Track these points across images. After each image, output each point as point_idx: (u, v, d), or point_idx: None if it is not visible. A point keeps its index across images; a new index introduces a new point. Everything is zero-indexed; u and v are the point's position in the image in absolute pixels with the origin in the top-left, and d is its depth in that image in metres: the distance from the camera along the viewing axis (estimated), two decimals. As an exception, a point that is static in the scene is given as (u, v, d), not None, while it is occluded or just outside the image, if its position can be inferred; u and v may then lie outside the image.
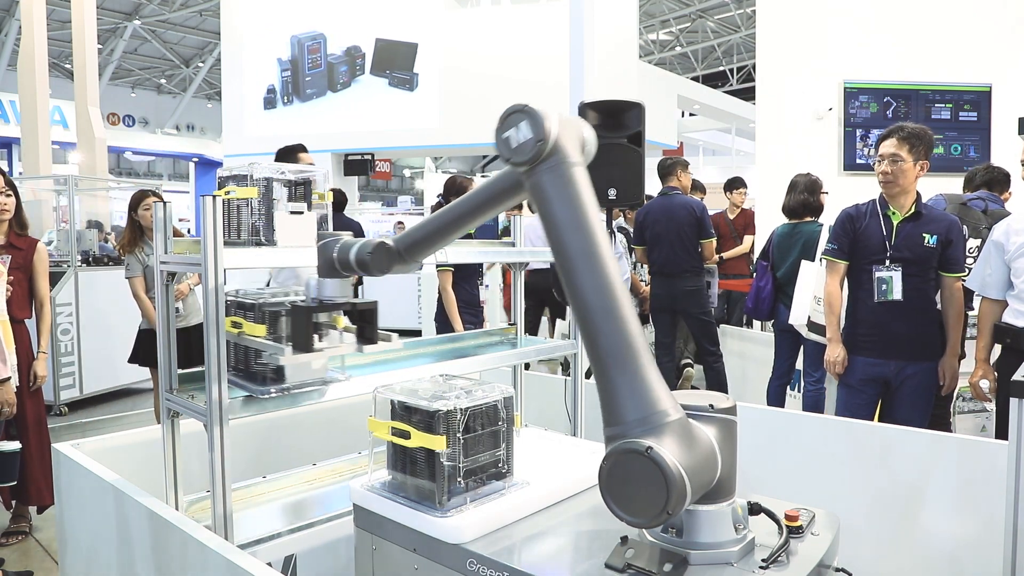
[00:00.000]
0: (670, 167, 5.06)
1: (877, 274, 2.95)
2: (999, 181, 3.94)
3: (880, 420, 3.02)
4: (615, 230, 4.74)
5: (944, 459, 2.19)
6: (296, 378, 1.83)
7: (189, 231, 15.97)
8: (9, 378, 2.79)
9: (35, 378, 3.27)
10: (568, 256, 1.24)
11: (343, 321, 1.77)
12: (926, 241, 2.92)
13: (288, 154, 4.01)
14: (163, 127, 24.86)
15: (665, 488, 1.10)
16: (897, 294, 2.92)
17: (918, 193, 3.00)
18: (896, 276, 2.92)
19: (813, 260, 3.84)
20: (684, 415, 1.20)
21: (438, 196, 4.45)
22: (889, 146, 2.93)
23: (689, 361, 5.80)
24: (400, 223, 15.48)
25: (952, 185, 4.19)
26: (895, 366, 2.96)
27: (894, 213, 2.98)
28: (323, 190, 2.02)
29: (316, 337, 1.67)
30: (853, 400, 3.03)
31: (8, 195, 3.28)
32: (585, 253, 1.23)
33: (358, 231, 6.60)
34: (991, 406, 3.11)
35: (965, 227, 3.26)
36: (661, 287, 4.91)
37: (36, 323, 3.41)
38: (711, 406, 1.27)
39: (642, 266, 5.40)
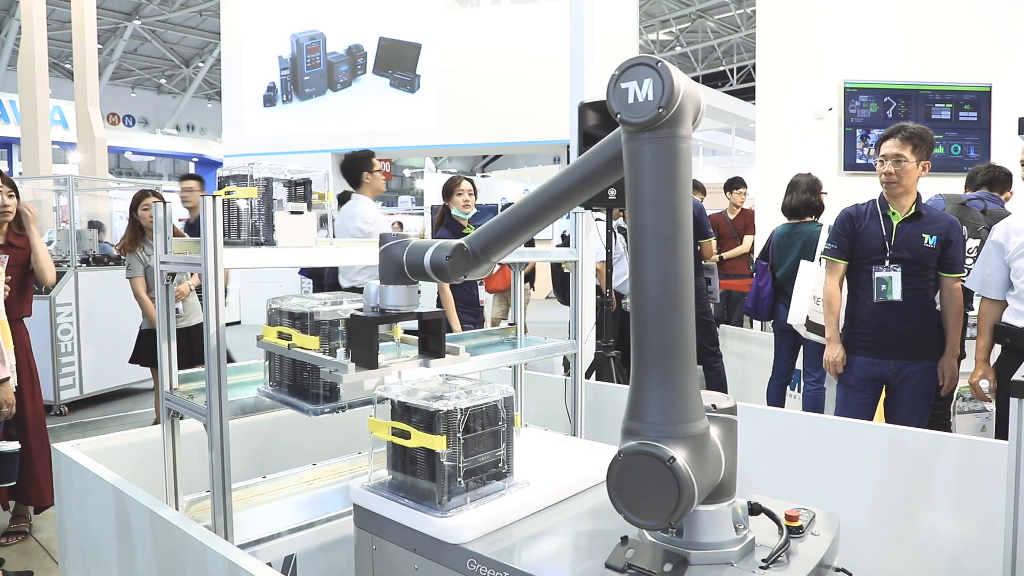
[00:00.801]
0: None
1: (876, 274, 2.95)
2: (1000, 181, 3.93)
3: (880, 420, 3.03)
4: (616, 230, 4.74)
5: (944, 459, 2.19)
6: (352, 395, 1.68)
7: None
8: (8, 378, 2.79)
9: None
10: (644, 237, 1.15)
11: (399, 331, 1.66)
12: (926, 242, 2.93)
13: (364, 160, 4.30)
14: (163, 127, 24.86)
15: (676, 499, 1.11)
16: (896, 294, 2.92)
17: (918, 193, 3.00)
18: (896, 276, 2.93)
19: (813, 260, 3.84)
20: (708, 426, 1.20)
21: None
22: (892, 146, 2.92)
23: (689, 361, 5.80)
24: (398, 223, 15.44)
25: (952, 185, 4.19)
26: (894, 366, 2.96)
27: (894, 213, 2.98)
28: (323, 190, 2.02)
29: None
30: (852, 400, 3.04)
31: (10, 196, 3.29)
32: (664, 238, 1.14)
33: None
34: (991, 406, 3.11)
35: (964, 227, 3.26)
36: None
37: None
38: (713, 406, 1.27)
39: None
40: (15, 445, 2.88)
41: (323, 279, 7.00)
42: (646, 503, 1.15)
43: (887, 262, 2.95)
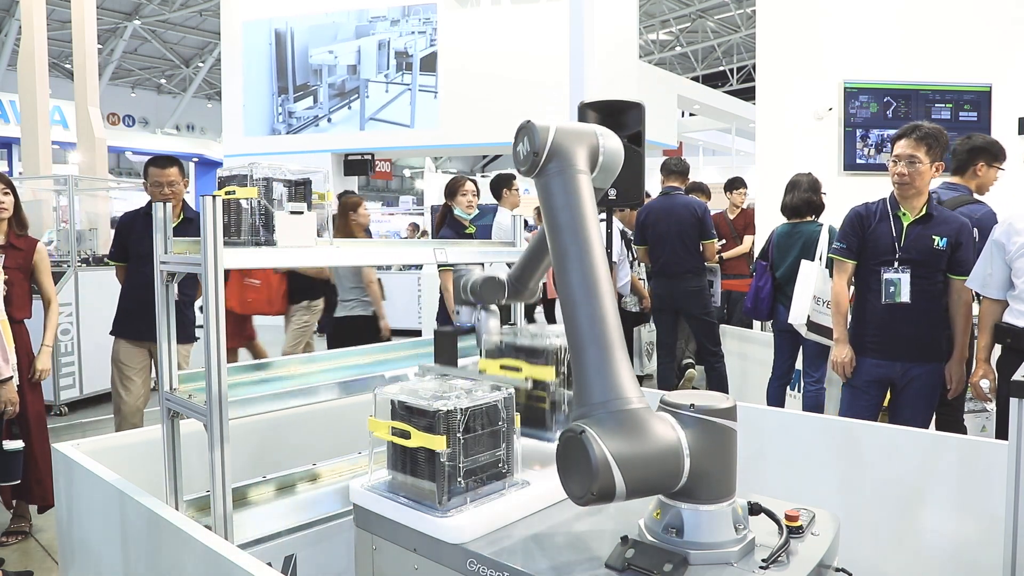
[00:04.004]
0: (681, 168, 5.08)
1: (885, 276, 2.92)
2: (962, 166, 3.45)
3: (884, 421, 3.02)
4: (617, 231, 4.74)
5: (944, 459, 2.19)
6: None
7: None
8: (11, 377, 2.79)
9: (36, 372, 3.27)
10: (560, 253, 1.36)
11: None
12: (936, 243, 2.89)
13: (505, 179, 5.24)
14: (163, 127, 24.85)
15: (592, 469, 1.15)
16: (905, 296, 2.89)
17: (930, 194, 2.97)
18: (904, 278, 2.89)
19: (813, 260, 3.84)
20: (641, 408, 1.23)
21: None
22: (905, 147, 2.87)
23: (691, 361, 5.79)
24: (414, 224, 15.39)
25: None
26: (900, 367, 2.94)
27: (904, 214, 2.95)
28: (323, 190, 2.02)
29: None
30: (857, 401, 3.02)
31: (6, 193, 3.29)
32: (574, 253, 1.34)
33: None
34: (991, 406, 3.10)
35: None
36: (663, 287, 4.91)
37: (44, 318, 3.41)
38: (692, 405, 1.27)
39: (640, 264, 5.40)
40: (19, 444, 2.88)
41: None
42: (575, 478, 1.20)
43: (896, 264, 2.92)
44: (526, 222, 4.59)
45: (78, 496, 2.05)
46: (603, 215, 4.07)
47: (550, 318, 7.36)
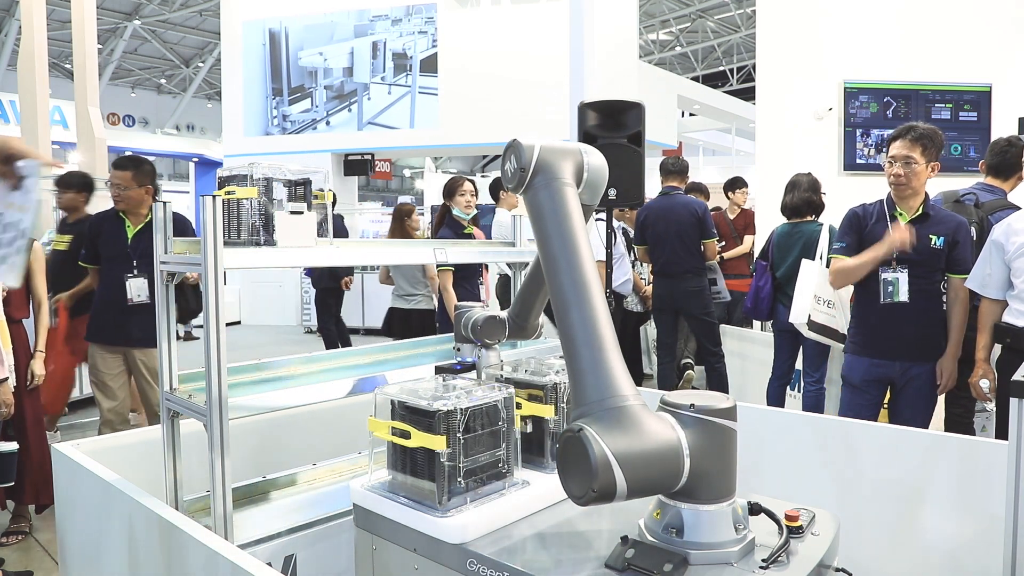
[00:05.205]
0: (679, 167, 5.08)
1: (883, 276, 2.93)
2: (1008, 167, 3.43)
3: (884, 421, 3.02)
4: (616, 231, 4.74)
5: (944, 459, 2.19)
6: None
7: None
8: (7, 378, 2.79)
9: (32, 377, 3.27)
10: (550, 259, 1.39)
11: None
12: (933, 243, 2.90)
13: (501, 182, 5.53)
14: (163, 127, 24.83)
15: (590, 470, 1.15)
16: (903, 296, 2.90)
17: (926, 194, 2.98)
18: (902, 278, 2.90)
19: (813, 259, 3.84)
20: (635, 405, 1.23)
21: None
22: (901, 147, 2.88)
23: (690, 361, 5.79)
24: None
25: (952, 185, 4.17)
26: (900, 367, 2.95)
27: (902, 214, 2.96)
28: (323, 190, 2.02)
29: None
30: (857, 400, 3.02)
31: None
32: (563, 257, 1.37)
33: (339, 228, 6.64)
34: (991, 406, 3.10)
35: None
36: (663, 287, 4.91)
37: (34, 323, 3.41)
38: (692, 405, 1.27)
39: (643, 264, 5.40)
40: (13, 445, 2.88)
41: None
42: (576, 478, 1.19)
43: (894, 263, 2.93)
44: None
45: (78, 496, 2.05)
46: (602, 214, 4.07)
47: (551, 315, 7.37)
